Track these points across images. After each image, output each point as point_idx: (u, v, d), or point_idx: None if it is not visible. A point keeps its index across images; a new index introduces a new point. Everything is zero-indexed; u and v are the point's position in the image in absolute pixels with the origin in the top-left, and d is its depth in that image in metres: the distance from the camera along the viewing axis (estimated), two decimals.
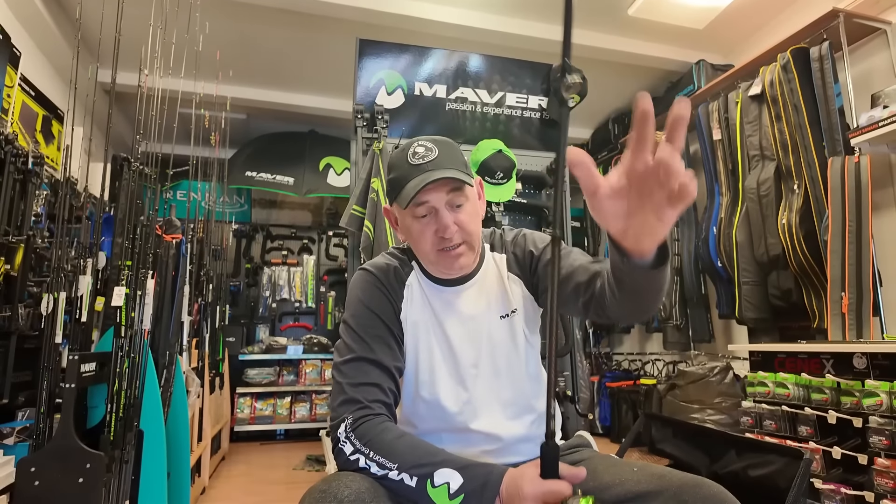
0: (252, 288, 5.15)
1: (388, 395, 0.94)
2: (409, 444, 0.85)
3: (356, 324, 1.00)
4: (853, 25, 2.65)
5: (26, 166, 2.01)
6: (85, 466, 1.51)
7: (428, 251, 1.00)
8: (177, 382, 2.18)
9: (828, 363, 2.11)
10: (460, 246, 0.99)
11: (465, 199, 1.01)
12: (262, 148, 4.80)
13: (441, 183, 0.97)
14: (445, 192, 0.98)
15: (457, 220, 0.98)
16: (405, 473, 0.80)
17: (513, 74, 2.76)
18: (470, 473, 0.79)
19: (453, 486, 0.78)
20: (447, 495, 0.78)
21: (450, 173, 0.97)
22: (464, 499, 0.77)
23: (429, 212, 0.98)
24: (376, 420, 0.88)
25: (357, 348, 0.97)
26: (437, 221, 0.98)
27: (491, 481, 0.78)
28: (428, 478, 0.79)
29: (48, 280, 1.74)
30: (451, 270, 1.02)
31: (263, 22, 3.33)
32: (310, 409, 4.53)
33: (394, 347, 1.00)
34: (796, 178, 2.70)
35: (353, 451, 0.85)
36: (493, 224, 2.46)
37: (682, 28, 3.47)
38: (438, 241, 0.98)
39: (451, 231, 0.97)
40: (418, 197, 0.96)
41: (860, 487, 1.85)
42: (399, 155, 1.03)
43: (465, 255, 1.00)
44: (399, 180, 1.00)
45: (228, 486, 3.07)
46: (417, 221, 1.00)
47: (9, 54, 2.58)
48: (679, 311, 3.58)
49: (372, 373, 0.94)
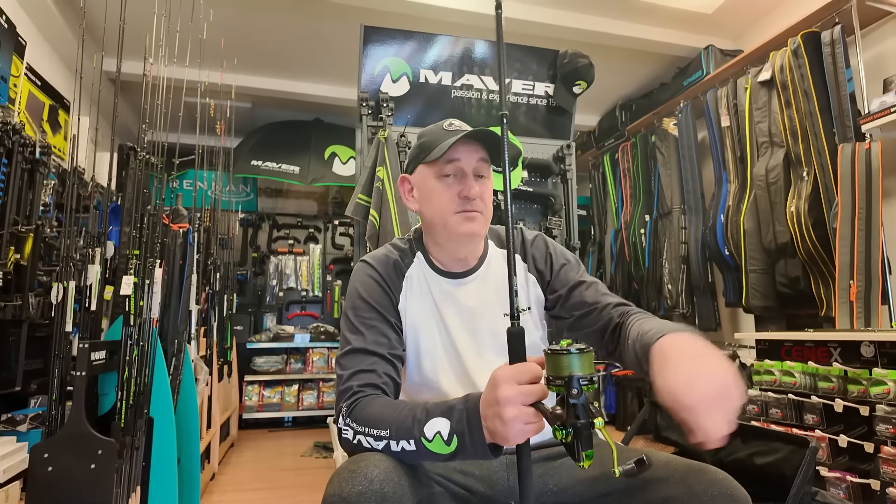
0: (259, 277, 5.17)
1: (380, 377, 0.94)
2: (392, 408, 0.86)
3: (354, 316, 1.01)
4: (866, 9, 2.60)
5: (34, 156, 2.02)
6: (97, 453, 1.54)
7: (445, 210, 1.01)
8: (186, 370, 2.20)
9: (835, 351, 2.10)
10: (478, 213, 1.01)
11: (488, 175, 1.05)
12: (268, 137, 4.80)
13: (474, 148, 1.02)
14: (476, 158, 1.02)
15: (479, 191, 1.01)
16: (403, 441, 0.81)
17: (518, 61, 2.74)
18: (454, 413, 0.80)
19: (444, 432, 0.79)
20: (443, 443, 0.79)
21: (485, 135, 1.00)
22: (457, 439, 0.78)
23: (455, 172, 1.01)
24: (365, 399, 0.89)
25: (353, 339, 0.98)
26: (462, 183, 1.01)
27: (470, 409, 0.78)
28: (421, 436, 0.80)
29: (57, 269, 1.75)
30: (462, 237, 1.02)
31: (268, 10, 3.31)
32: (317, 397, 4.57)
33: (391, 336, 1.01)
34: (805, 165, 2.67)
35: (353, 434, 0.86)
36: (498, 212, 2.45)
37: (691, 13, 3.42)
38: (461, 201, 1.00)
39: (475, 192, 1.00)
40: (450, 153, 1.00)
41: (866, 475, 1.85)
42: (433, 127, 1.07)
43: (478, 223, 1.02)
44: (432, 141, 1.03)
45: (238, 472, 3.11)
46: (441, 181, 1.02)
47: (14, 44, 2.58)
48: (686, 299, 3.56)
49: (366, 360, 0.95)
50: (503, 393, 0.71)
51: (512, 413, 0.71)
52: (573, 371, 0.70)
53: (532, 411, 0.72)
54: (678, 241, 3.57)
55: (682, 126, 3.59)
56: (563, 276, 1.09)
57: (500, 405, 0.71)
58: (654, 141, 3.80)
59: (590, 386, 0.70)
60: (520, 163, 2.47)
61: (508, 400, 0.71)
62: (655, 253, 3.78)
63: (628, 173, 4.15)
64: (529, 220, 2.67)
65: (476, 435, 0.76)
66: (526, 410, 0.71)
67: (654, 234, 3.81)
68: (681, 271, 3.56)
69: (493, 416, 0.73)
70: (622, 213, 4.19)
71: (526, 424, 0.72)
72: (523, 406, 0.71)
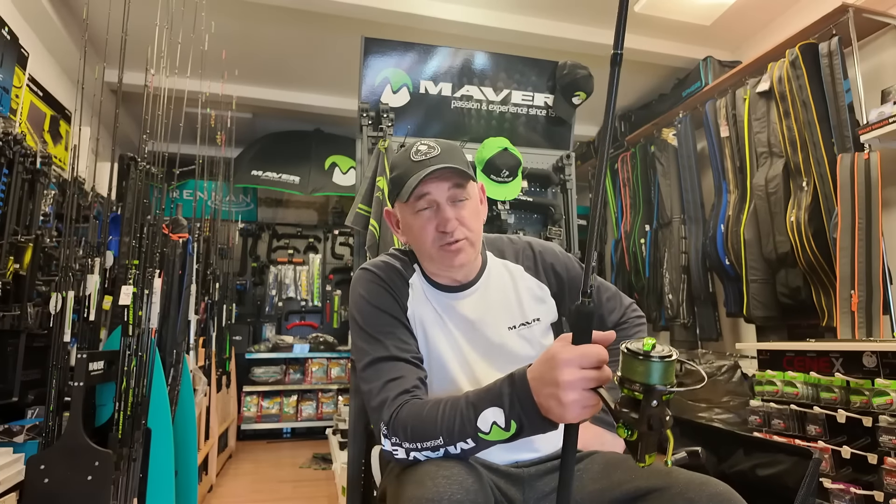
0: (258, 287, 5.17)
1: (411, 383, 0.92)
2: (433, 412, 0.83)
3: (365, 323, 0.98)
4: (863, 20, 2.62)
5: (34, 166, 2.03)
6: (94, 464, 1.53)
7: (429, 247, 0.99)
8: (184, 381, 2.19)
9: (837, 362, 2.09)
10: (461, 241, 0.98)
11: (466, 197, 1.00)
12: (268, 147, 4.81)
13: (443, 177, 0.97)
14: (447, 186, 0.98)
15: (458, 215, 0.98)
16: (460, 443, 0.80)
17: (518, 72, 2.75)
18: (504, 399, 0.77)
19: (500, 421, 0.77)
20: (502, 430, 0.77)
21: (452, 164, 0.97)
22: (515, 423, 0.76)
23: (430, 205, 0.98)
24: (402, 411, 0.87)
25: (371, 350, 0.95)
26: (438, 216, 0.98)
27: (520, 391, 0.76)
28: (477, 432, 0.78)
29: (56, 279, 1.75)
30: (452, 267, 1.01)
31: (269, 21, 3.34)
32: (316, 408, 4.54)
33: (408, 339, 0.99)
34: (805, 176, 2.68)
35: (405, 452, 0.84)
36: (499, 222, 2.45)
37: (690, 24, 3.44)
38: (439, 236, 0.98)
39: (452, 225, 0.97)
40: (419, 188, 0.97)
41: (870, 487, 1.83)
42: (401, 154, 1.04)
43: (465, 252, 0.99)
44: (401, 177, 1.00)
45: (235, 484, 3.08)
46: (418, 217, 0.99)
47: (17, 55, 2.59)
48: (686, 310, 3.55)
49: (392, 369, 0.93)
50: (565, 377, 0.69)
51: (572, 397, 0.69)
52: (653, 381, 0.64)
53: (593, 396, 0.69)
54: (678, 250, 3.57)
55: (681, 136, 3.60)
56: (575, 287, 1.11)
57: (560, 387, 0.69)
58: (653, 151, 3.81)
59: (668, 396, 0.64)
60: (519, 173, 2.48)
61: (570, 385, 0.69)
62: (656, 263, 3.78)
63: (628, 183, 4.16)
64: (529, 229, 2.67)
65: (532, 416, 0.75)
66: (587, 395, 0.69)
67: (654, 244, 3.81)
68: (681, 281, 3.56)
69: (549, 396, 0.71)
70: (622, 223, 4.19)
71: (584, 408, 0.70)
72: (584, 391, 0.69)
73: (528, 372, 0.76)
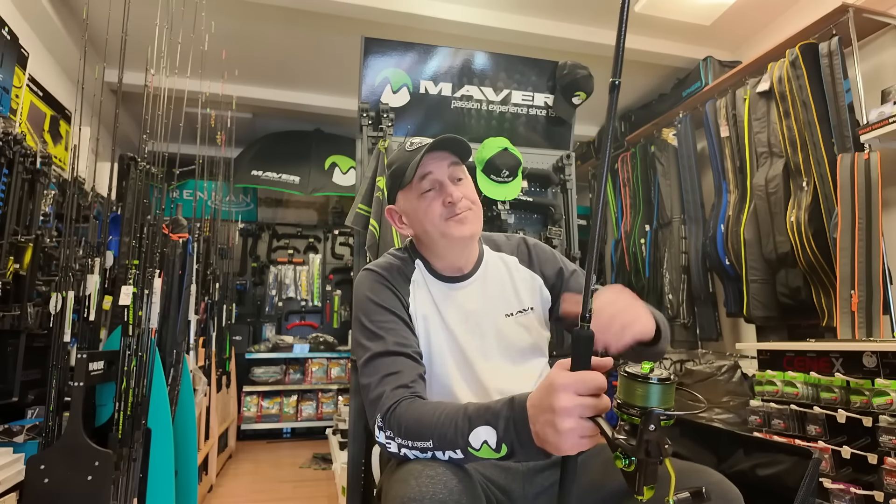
0: (258, 287, 5.17)
1: (409, 378, 0.93)
2: (430, 415, 0.83)
3: (368, 321, 1.00)
4: (863, 20, 2.62)
5: (35, 166, 2.03)
6: (94, 464, 1.53)
7: (437, 222, 1.03)
8: (184, 381, 2.19)
9: (837, 362, 2.09)
10: (467, 212, 1.04)
11: (464, 175, 1.08)
12: (268, 147, 4.82)
13: (441, 156, 1.04)
14: (447, 164, 1.05)
15: (461, 192, 1.04)
16: (449, 451, 0.80)
17: (518, 72, 2.75)
18: (499, 422, 0.76)
19: (491, 441, 0.77)
20: (492, 451, 0.77)
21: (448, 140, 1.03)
22: (507, 447, 0.76)
23: (433, 185, 1.04)
24: (400, 407, 0.87)
25: (373, 345, 0.97)
26: (443, 192, 1.04)
27: (517, 417, 0.75)
28: (467, 446, 0.78)
29: (56, 279, 1.75)
30: (462, 238, 1.04)
31: (269, 21, 3.33)
32: (316, 408, 4.54)
33: (408, 335, 1.01)
34: (805, 176, 2.68)
35: (397, 447, 0.85)
36: (499, 222, 2.45)
37: (690, 24, 3.44)
38: (447, 209, 1.03)
39: (457, 195, 1.03)
40: (421, 168, 1.03)
41: (870, 487, 1.83)
42: (397, 150, 1.12)
43: (472, 222, 1.05)
44: (400, 166, 1.07)
45: (235, 484, 3.08)
46: (424, 198, 1.04)
47: (17, 55, 2.59)
48: (686, 310, 3.55)
49: (390, 364, 0.94)
50: (561, 403, 0.67)
51: (568, 425, 0.66)
52: (651, 403, 0.62)
53: (591, 426, 0.67)
54: (678, 250, 3.57)
55: (681, 136, 3.60)
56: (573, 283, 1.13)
57: (556, 414, 0.67)
58: (653, 151, 3.81)
59: (667, 421, 0.62)
60: (519, 173, 2.48)
61: (566, 411, 0.66)
62: (656, 263, 3.78)
63: (628, 183, 4.16)
64: (530, 229, 2.66)
65: (526, 443, 0.74)
66: (584, 424, 0.67)
67: (654, 244, 3.81)
68: (681, 281, 3.56)
69: (545, 423, 0.69)
70: (622, 223, 4.19)
71: (581, 438, 0.67)
72: (581, 419, 0.67)
73: (529, 399, 0.75)
